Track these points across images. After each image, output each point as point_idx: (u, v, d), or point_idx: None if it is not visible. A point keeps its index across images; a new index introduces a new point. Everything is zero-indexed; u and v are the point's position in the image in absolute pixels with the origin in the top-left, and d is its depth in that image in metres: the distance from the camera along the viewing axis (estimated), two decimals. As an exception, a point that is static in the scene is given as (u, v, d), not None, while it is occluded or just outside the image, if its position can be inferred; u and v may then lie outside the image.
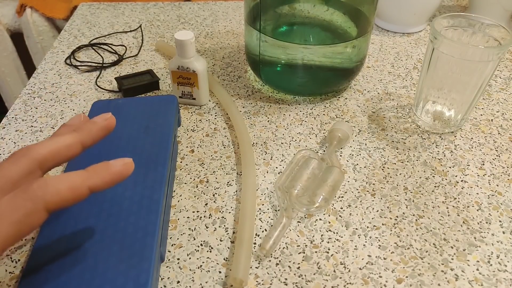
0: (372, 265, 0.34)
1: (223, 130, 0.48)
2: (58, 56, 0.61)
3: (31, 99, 0.52)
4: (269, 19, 0.49)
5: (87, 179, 0.26)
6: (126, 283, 0.28)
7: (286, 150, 0.45)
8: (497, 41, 0.43)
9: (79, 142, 0.29)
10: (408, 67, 0.60)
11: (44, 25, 0.97)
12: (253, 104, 0.52)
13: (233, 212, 0.38)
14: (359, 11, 0.50)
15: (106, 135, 0.31)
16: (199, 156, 0.44)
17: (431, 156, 0.45)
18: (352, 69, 0.51)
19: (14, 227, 0.24)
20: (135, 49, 0.63)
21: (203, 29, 0.69)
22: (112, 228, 0.32)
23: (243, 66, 0.59)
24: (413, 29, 0.69)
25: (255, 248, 0.35)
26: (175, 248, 0.35)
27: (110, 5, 0.77)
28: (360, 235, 0.36)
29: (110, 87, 0.54)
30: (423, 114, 0.48)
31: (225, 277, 0.33)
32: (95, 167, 0.27)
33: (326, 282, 0.33)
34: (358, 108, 0.51)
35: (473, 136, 0.48)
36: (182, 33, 0.46)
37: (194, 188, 0.41)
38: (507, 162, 0.44)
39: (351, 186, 0.41)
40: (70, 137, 0.29)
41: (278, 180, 0.40)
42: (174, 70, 0.48)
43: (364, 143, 0.46)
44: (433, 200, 0.40)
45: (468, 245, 0.36)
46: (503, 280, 0.33)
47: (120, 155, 0.38)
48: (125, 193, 0.35)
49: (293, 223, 0.37)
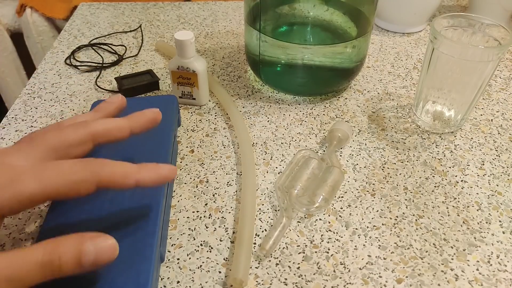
0: (372, 265, 0.34)
1: (223, 130, 0.48)
2: (58, 56, 0.61)
3: (31, 99, 0.52)
4: (269, 19, 0.49)
5: (138, 173, 0.29)
6: (126, 283, 0.28)
7: (286, 150, 0.45)
8: (497, 41, 0.43)
9: (129, 128, 0.32)
10: (408, 67, 0.60)
11: (44, 25, 0.97)
12: (253, 104, 0.52)
13: (233, 212, 0.38)
14: (359, 11, 0.50)
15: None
16: (199, 156, 0.44)
17: (431, 156, 0.45)
18: (352, 69, 0.51)
19: (67, 185, 0.27)
20: (135, 49, 0.63)
21: (203, 29, 0.69)
22: (112, 228, 0.32)
23: (243, 66, 0.59)
24: (413, 29, 0.69)
25: (255, 248, 0.35)
26: (175, 248, 0.35)
27: (110, 5, 0.77)
28: (360, 235, 0.36)
29: (110, 87, 0.54)
30: (423, 114, 0.48)
31: (225, 277, 0.33)
32: (146, 165, 0.30)
33: (326, 282, 0.33)
34: (358, 108, 0.51)
35: (473, 136, 0.48)
36: (182, 33, 0.46)
37: (194, 188, 0.41)
38: (507, 162, 0.44)
39: (351, 186, 0.41)
40: (122, 121, 0.32)
41: (278, 180, 0.40)
42: (174, 70, 0.48)
43: (364, 143, 0.46)
44: (433, 200, 0.40)
45: (468, 245, 0.36)
46: (503, 280, 0.33)
47: (120, 155, 0.38)
48: (125, 193, 0.35)
49: (293, 223, 0.37)
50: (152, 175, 0.29)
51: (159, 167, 0.30)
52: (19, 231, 0.36)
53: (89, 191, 0.28)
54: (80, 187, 0.27)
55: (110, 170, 0.28)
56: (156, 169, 0.30)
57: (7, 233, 0.36)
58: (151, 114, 0.34)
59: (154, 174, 0.29)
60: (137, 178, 0.29)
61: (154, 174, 0.29)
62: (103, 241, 0.26)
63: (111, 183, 0.28)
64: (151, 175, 0.29)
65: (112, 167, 0.28)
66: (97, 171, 0.28)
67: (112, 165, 0.28)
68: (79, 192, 0.27)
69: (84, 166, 0.28)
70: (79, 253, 0.25)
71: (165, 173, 0.30)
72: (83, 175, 0.27)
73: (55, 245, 0.25)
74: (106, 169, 0.28)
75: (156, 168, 0.30)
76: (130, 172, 0.29)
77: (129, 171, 0.29)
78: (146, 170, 0.29)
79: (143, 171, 0.29)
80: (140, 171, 0.29)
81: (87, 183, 0.27)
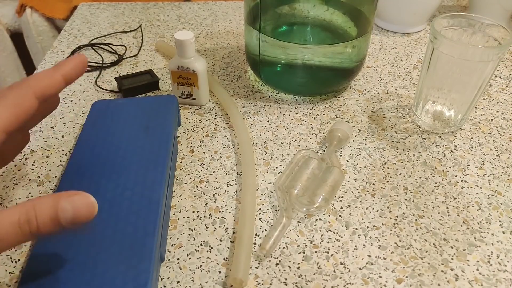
0: (372, 265, 0.34)
1: (223, 130, 0.48)
2: (58, 56, 0.61)
3: (31, 99, 0.52)
4: (269, 19, 0.49)
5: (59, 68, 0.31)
6: (126, 283, 0.28)
7: (286, 150, 0.45)
8: (497, 41, 0.43)
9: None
10: (408, 67, 0.60)
11: (44, 25, 0.97)
12: (253, 104, 0.52)
13: (233, 212, 0.38)
14: (359, 11, 0.50)
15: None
16: (199, 156, 0.44)
17: (431, 156, 0.45)
18: (352, 69, 0.51)
19: (10, 109, 0.28)
20: (135, 49, 0.63)
21: (203, 29, 0.69)
22: (112, 228, 0.32)
23: (243, 66, 0.59)
24: (413, 29, 0.69)
25: (255, 248, 0.35)
26: (175, 248, 0.35)
27: (110, 5, 0.77)
28: (360, 235, 0.36)
29: (110, 87, 0.54)
30: (423, 114, 0.48)
31: (225, 277, 0.33)
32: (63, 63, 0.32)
33: (326, 282, 0.33)
34: (358, 108, 0.51)
35: (473, 136, 0.48)
36: (182, 33, 0.46)
37: (194, 188, 0.41)
38: (507, 162, 0.44)
39: (351, 186, 0.41)
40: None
41: (278, 180, 0.40)
42: (174, 70, 0.48)
43: (364, 143, 0.46)
44: (433, 200, 0.40)
45: (468, 245, 0.36)
46: (503, 280, 0.33)
47: (120, 155, 0.38)
48: (125, 193, 0.35)
49: (293, 223, 0.37)
50: (69, 64, 0.32)
51: (71, 58, 0.32)
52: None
53: (32, 104, 0.29)
54: (22, 104, 0.29)
55: (34, 78, 0.30)
56: (69, 59, 0.32)
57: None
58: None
59: (71, 62, 0.32)
60: (60, 72, 0.31)
61: (71, 63, 0.32)
62: (80, 199, 0.26)
63: (44, 88, 0.30)
64: (68, 65, 0.32)
65: (35, 76, 0.30)
66: (25, 85, 0.29)
67: (34, 76, 0.31)
68: (23, 108, 0.29)
69: (13, 88, 0.30)
70: (55, 211, 0.25)
71: (78, 57, 0.32)
72: (17, 93, 0.29)
73: (31, 204, 0.25)
74: (31, 80, 0.30)
75: (69, 59, 0.32)
76: (51, 71, 0.31)
77: (50, 71, 0.31)
78: (63, 64, 0.32)
79: (61, 66, 0.31)
80: (59, 68, 0.31)
81: (24, 97, 0.29)
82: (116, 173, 0.37)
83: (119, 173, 0.37)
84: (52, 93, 0.31)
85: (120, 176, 0.36)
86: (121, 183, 0.36)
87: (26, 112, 0.29)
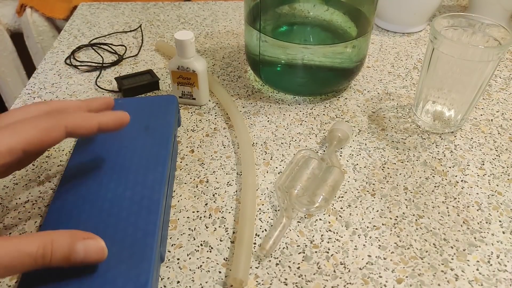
0: (372, 265, 0.34)
1: (223, 130, 0.48)
2: (58, 56, 0.61)
3: (31, 99, 0.52)
4: (269, 19, 0.49)
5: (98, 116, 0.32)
6: (126, 283, 0.28)
7: (286, 150, 0.45)
8: (497, 41, 0.43)
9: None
10: (408, 67, 0.60)
11: (44, 25, 0.97)
12: (253, 104, 0.52)
13: (233, 212, 0.38)
14: (359, 11, 0.50)
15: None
16: (199, 156, 0.44)
17: (431, 156, 0.45)
18: (352, 69, 0.51)
19: (40, 132, 0.29)
20: (135, 49, 0.63)
21: (203, 29, 0.69)
22: (112, 228, 0.32)
23: (243, 66, 0.59)
24: (413, 29, 0.69)
25: (255, 248, 0.35)
26: (175, 248, 0.35)
27: (110, 5, 0.77)
28: (360, 235, 0.36)
29: (110, 87, 0.54)
30: (423, 114, 0.48)
31: (225, 277, 0.33)
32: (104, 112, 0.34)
33: (326, 282, 0.33)
34: (358, 108, 0.51)
35: (473, 136, 0.48)
36: (182, 33, 0.46)
37: (194, 188, 0.41)
38: (507, 162, 0.44)
39: (351, 186, 0.41)
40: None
41: (278, 180, 0.40)
42: (174, 70, 0.48)
43: (364, 143, 0.46)
44: (433, 200, 0.40)
45: (468, 245, 0.36)
46: (503, 280, 0.33)
47: (121, 155, 0.38)
48: (125, 193, 0.35)
49: (293, 223, 0.37)
50: (110, 117, 0.33)
51: (115, 112, 0.34)
52: (19, 231, 0.36)
53: (60, 136, 0.30)
54: (51, 132, 0.29)
55: (73, 115, 0.31)
56: (113, 112, 0.34)
57: (7, 233, 0.36)
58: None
59: (112, 116, 0.33)
60: (98, 120, 0.32)
61: (112, 116, 0.33)
62: (93, 244, 0.28)
63: (76, 128, 0.31)
64: (109, 117, 0.33)
65: (74, 114, 0.31)
66: (62, 118, 0.30)
67: (74, 113, 0.32)
68: (51, 136, 0.29)
69: (50, 115, 0.30)
70: (70, 251, 0.27)
71: (121, 115, 0.34)
72: (52, 122, 0.30)
73: (50, 240, 0.27)
74: (70, 115, 0.31)
75: (112, 112, 0.34)
76: (91, 116, 0.32)
77: (90, 115, 0.32)
78: (104, 114, 0.33)
79: (101, 115, 0.32)
80: (99, 116, 0.32)
81: (56, 127, 0.30)
82: (116, 173, 0.37)
83: (119, 173, 0.37)
84: (82, 135, 0.32)
85: (120, 176, 0.36)
86: (121, 183, 0.36)
87: (51, 141, 0.30)
